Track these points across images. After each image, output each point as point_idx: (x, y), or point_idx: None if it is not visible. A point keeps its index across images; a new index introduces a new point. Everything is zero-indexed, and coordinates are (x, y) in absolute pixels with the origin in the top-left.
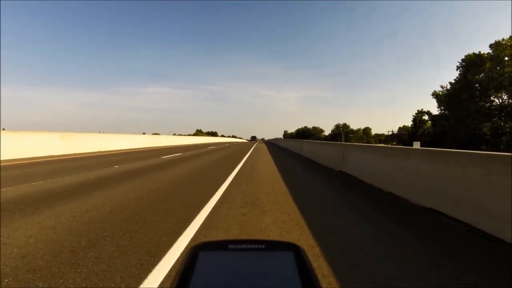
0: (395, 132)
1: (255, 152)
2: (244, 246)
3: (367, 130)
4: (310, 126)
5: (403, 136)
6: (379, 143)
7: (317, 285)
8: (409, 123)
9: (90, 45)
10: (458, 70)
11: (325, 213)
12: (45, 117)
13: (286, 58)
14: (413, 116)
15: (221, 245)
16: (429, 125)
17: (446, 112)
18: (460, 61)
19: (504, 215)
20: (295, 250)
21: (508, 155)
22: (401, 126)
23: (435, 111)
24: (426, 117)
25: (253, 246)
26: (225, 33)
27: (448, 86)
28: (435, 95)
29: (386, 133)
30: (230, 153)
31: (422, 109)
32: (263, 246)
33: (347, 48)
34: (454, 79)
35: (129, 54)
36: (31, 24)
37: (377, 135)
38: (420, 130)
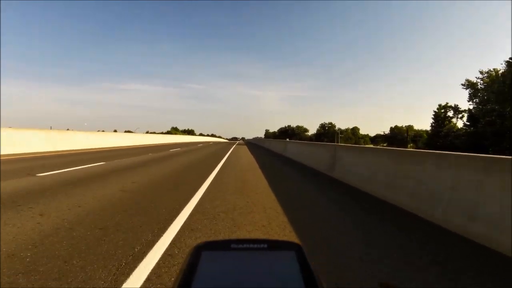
0: (387, 133)
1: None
2: (247, 245)
3: (355, 130)
4: (293, 125)
5: (397, 137)
6: (367, 143)
7: (320, 285)
8: (400, 123)
9: (70, 37)
10: None
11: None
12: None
13: (269, 57)
14: (434, 111)
15: (224, 245)
16: (454, 124)
17: (495, 106)
18: None
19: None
20: (297, 249)
21: None
22: (393, 126)
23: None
24: (450, 113)
25: (255, 245)
26: (209, 31)
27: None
28: (469, 84)
29: (380, 133)
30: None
31: (447, 103)
32: (265, 246)
33: (332, 46)
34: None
35: (111, 50)
36: (6, 13)
37: (364, 136)
38: (443, 129)
